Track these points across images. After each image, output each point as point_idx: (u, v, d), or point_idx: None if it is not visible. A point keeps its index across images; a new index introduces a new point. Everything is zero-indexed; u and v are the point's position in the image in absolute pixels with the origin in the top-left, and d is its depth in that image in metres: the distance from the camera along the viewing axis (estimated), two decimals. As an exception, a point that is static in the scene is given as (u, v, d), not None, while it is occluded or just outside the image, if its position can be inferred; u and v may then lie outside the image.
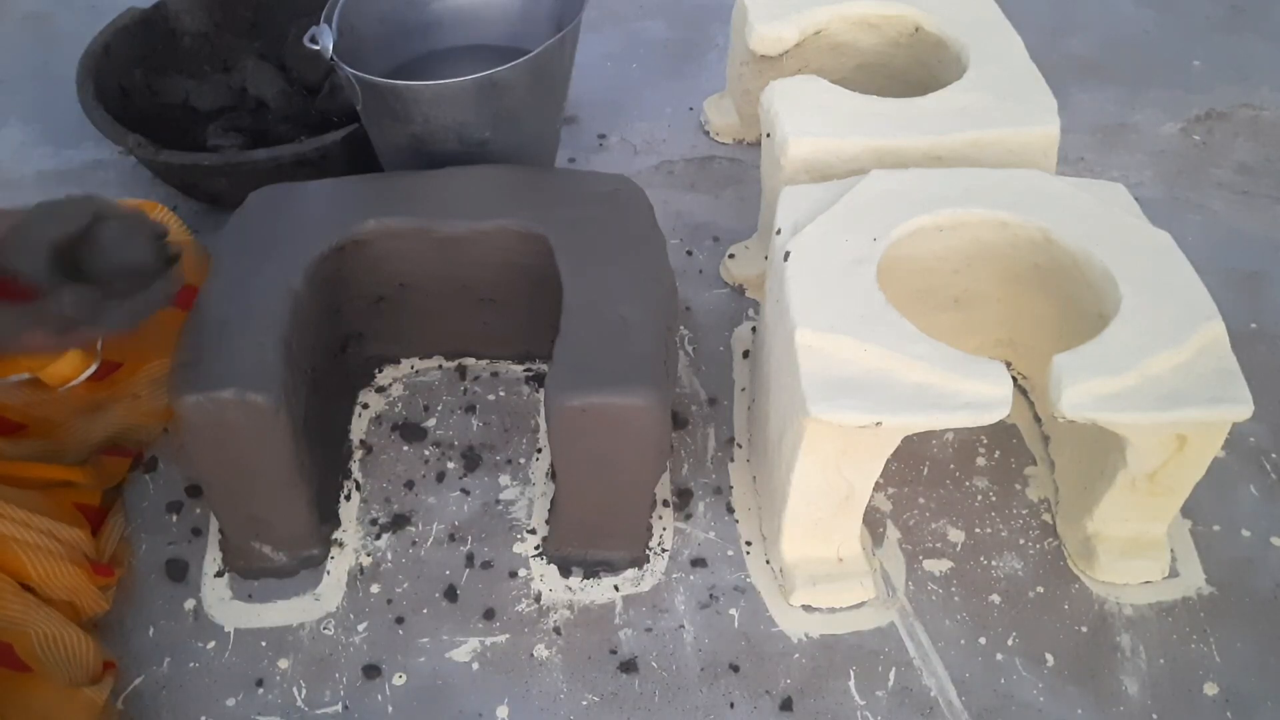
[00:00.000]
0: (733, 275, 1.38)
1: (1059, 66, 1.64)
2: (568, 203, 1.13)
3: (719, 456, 1.19)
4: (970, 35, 1.29)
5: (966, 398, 0.90)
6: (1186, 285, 0.99)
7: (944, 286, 1.15)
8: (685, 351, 1.30)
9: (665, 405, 0.98)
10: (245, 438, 0.98)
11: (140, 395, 1.13)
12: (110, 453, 1.15)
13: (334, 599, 1.07)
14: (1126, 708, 0.99)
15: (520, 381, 1.26)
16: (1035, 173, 1.10)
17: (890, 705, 0.99)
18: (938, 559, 1.09)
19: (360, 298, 1.18)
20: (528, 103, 1.20)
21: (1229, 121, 1.67)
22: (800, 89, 1.22)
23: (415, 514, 1.13)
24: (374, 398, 1.24)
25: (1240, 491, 1.16)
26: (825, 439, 0.93)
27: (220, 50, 1.59)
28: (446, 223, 1.12)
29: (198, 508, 1.14)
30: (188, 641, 1.03)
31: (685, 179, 1.55)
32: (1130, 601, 1.06)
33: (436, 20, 1.35)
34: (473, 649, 1.03)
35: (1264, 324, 1.33)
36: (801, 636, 1.04)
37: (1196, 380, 0.91)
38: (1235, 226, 1.48)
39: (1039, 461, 1.17)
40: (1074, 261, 1.04)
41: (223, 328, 1.00)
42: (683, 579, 1.08)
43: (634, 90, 1.72)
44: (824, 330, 0.93)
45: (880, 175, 1.09)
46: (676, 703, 0.99)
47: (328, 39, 1.17)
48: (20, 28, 1.89)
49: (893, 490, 1.15)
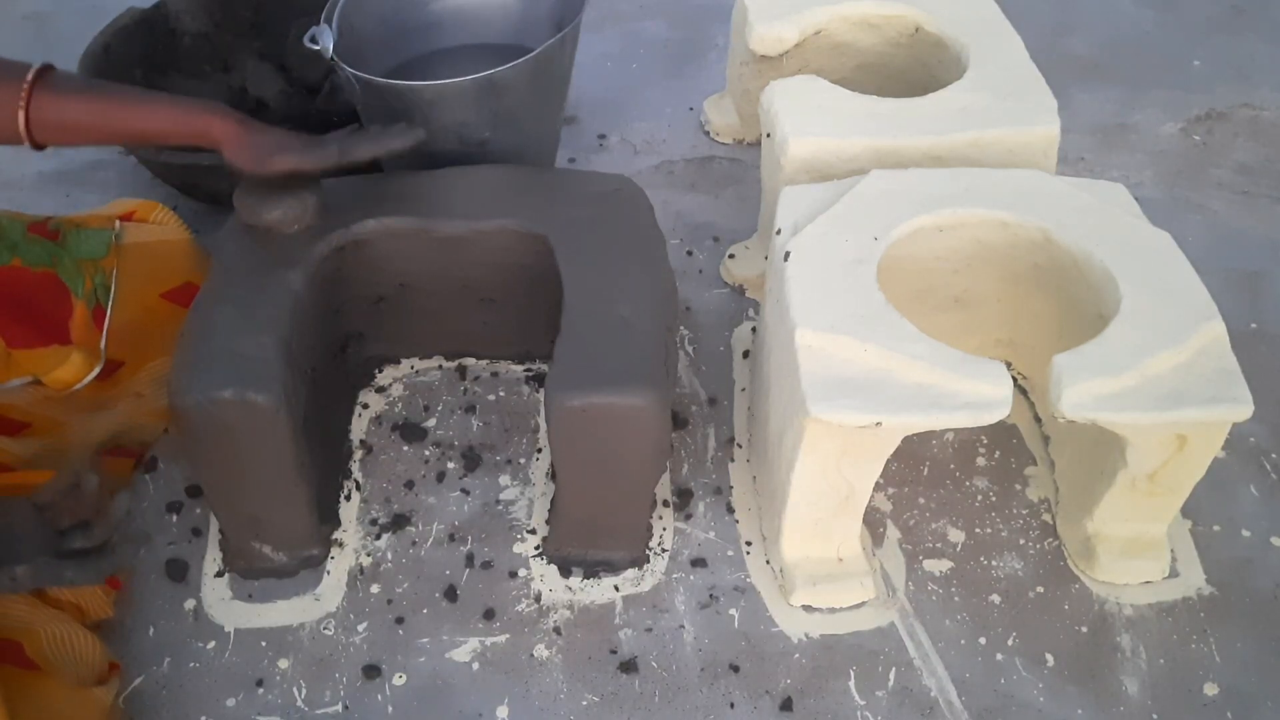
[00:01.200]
0: (733, 275, 1.38)
1: (1059, 66, 1.63)
2: (568, 203, 1.13)
3: (719, 456, 1.19)
4: (970, 35, 1.29)
5: (966, 398, 0.90)
6: (1186, 285, 0.99)
7: (944, 286, 1.15)
8: (685, 351, 1.30)
9: (665, 405, 0.98)
10: (245, 438, 0.98)
11: (143, 394, 1.13)
12: (114, 453, 1.15)
13: (334, 599, 1.07)
14: (1126, 708, 0.99)
15: (520, 381, 1.26)
16: (1035, 173, 1.10)
17: (890, 705, 0.99)
18: (938, 559, 1.09)
19: (360, 298, 1.18)
20: (528, 103, 1.20)
21: (1229, 121, 1.67)
22: (800, 89, 1.22)
23: (415, 514, 1.13)
24: (374, 398, 1.24)
25: (1240, 491, 1.16)
26: (825, 439, 0.93)
27: (220, 50, 1.59)
28: (446, 223, 1.12)
29: (198, 508, 1.14)
30: (188, 641, 1.03)
31: (685, 179, 1.55)
32: (1130, 601, 1.06)
33: (436, 20, 1.35)
34: (473, 649, 1.03)
35: (1264, 324, 1.33)
36: (801, 636, 1.04)
37: (1196, 380, 0.91)
38: (1235, 226, 1.48)
39: (1039, 461, 1.17)
40: (1074, 261, 1.04)
41: (223, 328, 1.00)
42: (683, 579, 1.08)
43: (634, 90, 1.72)
44: (824, 330, 0.93)
45: (880, 175, 1.09)
46: (676, 703, 0.99)
47: (328, 39, 1.17)
48: (20, 28, 1.89)
49: (893, 490, 1.15)
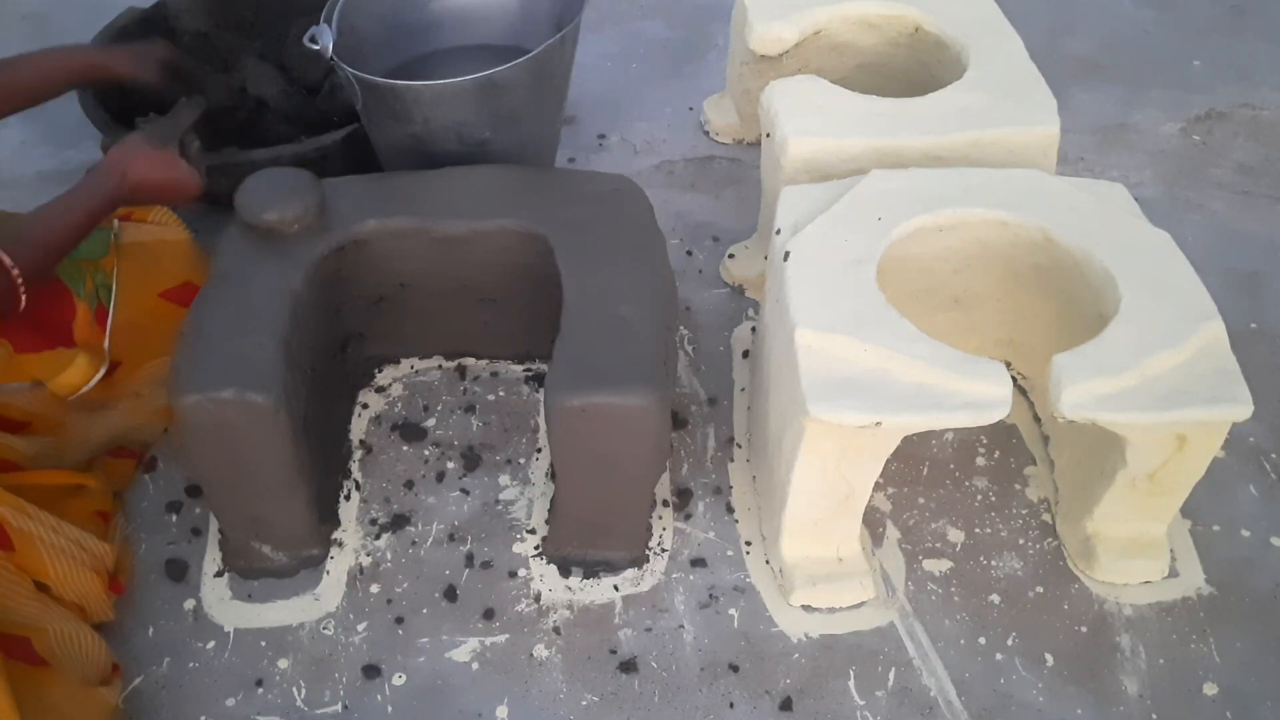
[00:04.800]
0: (733, 275, 1.38)
1: (1059, 66, 1.64)
2: (568, 203, 1.13)
3: (719, 456, 1.19)
4: (970, 35, 1.29)
5: (966, 398, 0.90)
6: (1186, 285, 0.99)
7: (944, 286, 1.15)
8: (685, 351, 1.30)
9: (665, 405, 0.98)
10: (245, 438, 0.98)
11: (142, 394, 1.13)
12: (116, 454, 1.15)
13: (334, 599, 1.07)
14: (1126, 708, 0.99)
15: (520, 381, 1.26)
16: (1035, 173, 1.10)
17: (890, 705, 0.99)
18: (938, 559, 1.09)
19: (360, 298, 1.18)
20: (528, 103, 1.20)
21: (1229, 121, 1.67)
22: (800, 89, 1.22)
23: (415, 514, 1.13)
24: (374, 398, 1.24)
25: (1240, 491, 1.15)
26: (825, 439, 0.93)
27: (220, 50, 1.59)
28: (446, 223, 1.12)
29: (198, 508, 1.14)
30: (188, 641, 1.03)
31: (685, 179, 1.55)
32: (1130, 601, 1.06)
33: (436, 20, 1.35)
34: (473, 649, 1.03)
35: (1264, 324, 1.33)
36: (801, 636, 1.04)
37: (1196, 380, 0.91)
38: (1235, 226, 1.48)
39: (1039, 461, 1.17)
40: (1074, 261, 1.04)
41: (223, 328, 1.00)
42: (683, 579, 1.08)
43: (634, 90, 1.72)
44: (824, 330, 0.93)
45: (880, 175, 1.09)
46: (676, 703, 0.99)
47: (328, 39, 1.17)
48: (20, 28, 1.89)
49: (893, 490, 1.15)
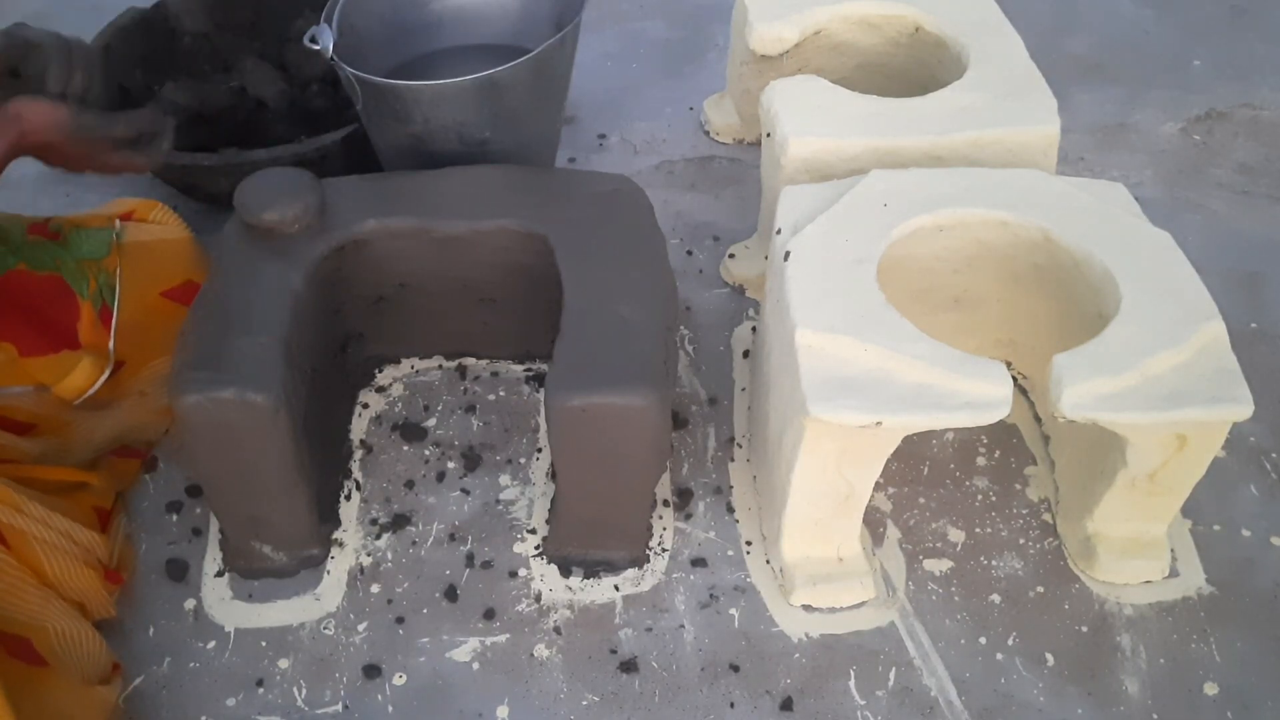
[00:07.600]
0: (733, 275, 1.38)
1: (1059, 66, 1.63)
2: (568, 203, 1.13)
3: (719, 456, 1.19)
4: (970, 35, 1.29)
5: (966, 398, 0.90)
6: (1186, 285, 0.98)
7: (944, 286, 1.15)
8: (685, 351, 1.30)
9: (665, 405, 0.98)
10: (245, 438, 0.98)
11: (146, 392, 1.13)
12: (120, 454, 1.15)
13: (334, 599, 1.07)
14: (1126, 708, 0.99)
15: (520, 381, 1.26)
16: (1035, 173, 1.10)
17: (890, 705, 0.99)
18: (938, 559, 1.09)
19: (360, 298, 1.18)
20: (528, 103, 1.20)
21: (1229, 121, 1.67)
22: (800, 89, 1.22)
23: (415, 514, 1.13)
24: (374, 398, 1.24)
25: (1240, 491, 1.15)
26: (825, 439, 0.93)
27: (220, 50, 1.59)
28: (446, 223, 1.12)
29: (198, 508, 1.14)
30: (188, 641, 1.03)
31: (685, 179, 1.55)
32: (1130, 601, 1.06)
33: (436, 20, 1.35)
34: (473, 649, 1.03)
35: (1264, 324, 1.33)
36: (801, 636, 1.04)
37: (1196, 380, 0.91)
38: (1235, 226, 1.48)
39: (1039, 461, 1.17)
40: (1074, 261, 1.04)
41: (223, 328, 1.00)
42: (683, 579, 1.08)
43: (634, 90, 1.72)
44: (824, 330, 0.93)
45: (880, 175, 1.09)
46: (676, 703, 0.99)
47: (328, 39, 1.17)
48: (20, 28, 1.89)
49: (893, 490, 1.15)
